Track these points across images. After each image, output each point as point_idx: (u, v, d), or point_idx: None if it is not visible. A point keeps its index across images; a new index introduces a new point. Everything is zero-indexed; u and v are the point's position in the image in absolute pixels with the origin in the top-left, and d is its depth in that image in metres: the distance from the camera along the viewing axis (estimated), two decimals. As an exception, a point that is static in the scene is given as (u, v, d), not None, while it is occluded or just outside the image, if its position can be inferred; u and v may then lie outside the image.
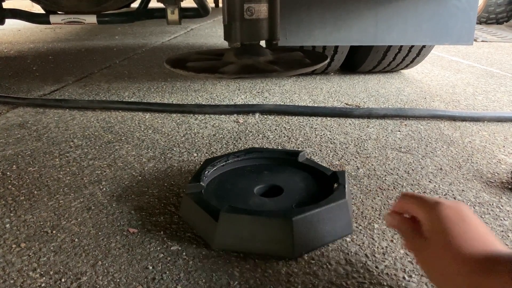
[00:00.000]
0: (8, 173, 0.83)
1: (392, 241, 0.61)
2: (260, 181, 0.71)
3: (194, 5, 1.41)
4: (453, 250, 0.41)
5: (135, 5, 3.21)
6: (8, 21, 1.56)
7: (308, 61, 0.65)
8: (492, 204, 0.71)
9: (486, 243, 0.41)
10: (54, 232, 0.63)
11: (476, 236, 0.42)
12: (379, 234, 0.63)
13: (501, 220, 0.67)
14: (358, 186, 0.78)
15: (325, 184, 0.70)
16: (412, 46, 1.53)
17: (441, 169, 0.85)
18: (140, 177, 0.81)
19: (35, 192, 0.76)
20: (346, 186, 0.65)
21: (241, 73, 0.58)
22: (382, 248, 0.59)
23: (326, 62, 0.65)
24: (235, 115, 1.20)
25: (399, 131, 1.07)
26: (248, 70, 0.59)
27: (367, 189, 0.77)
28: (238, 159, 0.78)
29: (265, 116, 1.18)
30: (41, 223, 0.66)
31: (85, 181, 0.80)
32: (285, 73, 0.57)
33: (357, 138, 1.02)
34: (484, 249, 0.40)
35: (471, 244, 0.41)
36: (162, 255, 0.58)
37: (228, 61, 0.64)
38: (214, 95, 1.42)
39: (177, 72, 0.59)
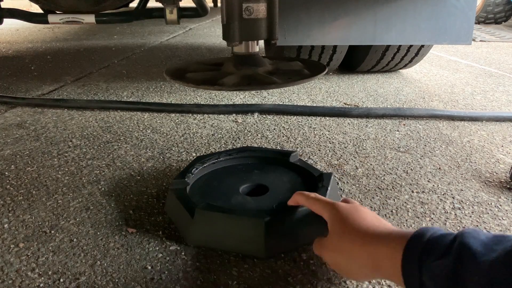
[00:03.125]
0: (6, 173, 0.83)
1: (390, 240, 0.61)
2: (247, 180, 0.71)
3: (192, 4, 1.41)
4: (352, 230, 0.47)
5: (133, 4, 3.21)
6: (6, 21, 1.56)
7: (307, 71, 0.65)
8: (491, 204, 0.72)
9: (380, 223, 0.47)
10: (52, 232, 0.63)
11: (372, 220, 0.48)
12: (378, 233, 0.63)
13: (500, 219, 0.67)
14: (357, 185, 0.78)
15: (311, 185, 0.69)
16: (411, 46, 1.53)
17: (439, 168, 0.85)
18: (139, 177, 0.81)
19: (34, 192, 0.75)
20: (328, 188, 0.65)
21: (240, 85, 0.58)
22: (381, 248, 0.59)
23: (325, 72, 0.66)
24: (234, 114, 1.20)
25: (397, 130, 1.07)
26: (247, 81, 0.59)
27: (366, 188, 0.77)
28: (229, 158, 0.78)
29: (264, 116, 1.18)
30: (40, 223, 0.65)
31: (84, 181, 0.80)
32: (284, 85, 0.58)
33: (356, 138, 1.02)
34: (379, 227, 0.46)
35: (366, 225, 0.47)
36: (161, 255, 0.58)
37: (227, 71, 0.64)
38: (213, 94, 1.42)
39: (178, 83, 0.60)
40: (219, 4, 6.02)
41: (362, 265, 0.45)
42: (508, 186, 0.78)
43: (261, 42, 0.68)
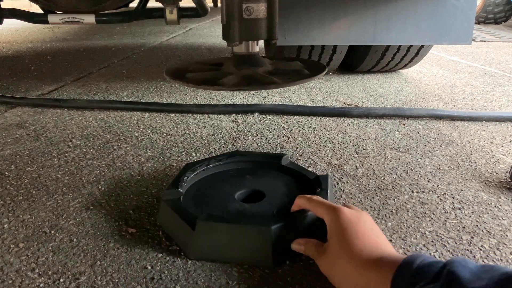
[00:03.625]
0: (6, 173, 0.83)
1: (391, 240, 0.61)
2: (241, 186, 0.69)
3: (192, 4, 1.41)
4: (347, 248, 0.47)
5: (133, 4, 3.21)
6: (6, 21, 1.56)
7: (306, 71, 0.65)
8: (491, 204, 0.72)
9: (376, 245, 0.48)
10: (52, 232, 0.63)
11: (369, 238, 0.48)
12: (377, 233, 0.63)
13: (500, 219, 0.67)
14: (357, 186, 0.78)
15: (308, 188, 0.68)
16: (411, 46, 1.53)
17: (439, 168, 0.85)
18: (139, 177, 0.81)
19: (34, 192, 0.75)
20: (328, 191, 0.64)
21: (240, 85, 0.58)
22: (381, 248, 0.59)
23: (325, 72, 0.66)
24: (234, 114, 1.20)
25: (397, 130, 1.07)
26: (247, 81, 0.59)
27: (366, 188, 0.77)
28: (219, 163, 0.75)
29: (264, 116, 1.18)
30: (40, 223, 0.65)
31: (84, 181, 0.80)
32: (284, 85, 0.58)
33: (356, 138, 1.02)
34: (373, 249, 0.47)
35: (362, 244, 0.47)
36: (161, 254, 0.58)
37: (227, 71, 0.64)
38: (213, 94, 1.42)
39: (178, 83, 0.60)
40: (219, 4, 6.01)
41: (351, 284, 0.46)
42: (508, 186, 0.78)
43: (261, 42, 0.68)
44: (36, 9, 2.14)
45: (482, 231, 0.64)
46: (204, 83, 0.60)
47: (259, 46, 0.72)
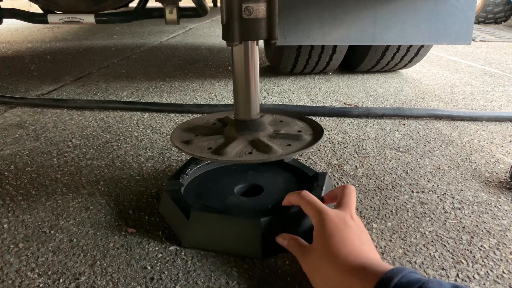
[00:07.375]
0: (6, 173, 0.83)
1: (390, 240, 0.61)
2: (242, 180, 0.72)
3: (192, 4, 1.41)
4: (332, 255, 0.47)
5: (133, 4, 3.21)
6: (6, 21, 1.56)
7: (306, 137, 0.67)
8: (491, 204, 0.72)
9: (361, 252, 0.47)
10: (52, 232, 0.63)
11: (354, 245, 0.48)
12: (377, 233, 0.63)
13: (500, 219, 0.67)
14: (357, 185, 0.78)
15: (306, 185, 0.70)
16: (411, 46, 1.53)
17: (439, 168, 0.85)
18: (139, 177, 0.81)
19: (33, 192, 0.75)
20: (324, 187, 0.65)
21: (242, 154, 0.62)
22: (381, 248, 0.60)
23: (323, 137, 0.68)
24: (234, 114, 1.19)
25: (397, 130, 1.07)
26: (250, 149, 0.64)
27: (366, 188, 0.77)
28: None
29: (264, 116, 1.18)
30: (39, 223, 0.65)
31: (83, 181, 0.80)
32: (284, 156, 0.62)
33: (356, 138, 1.02)
34: (357, 256, 0.46)
35: (347, 252, 0.47)
36: (160, 255, 0.58)
37: (230, 135, 0.68)
38: (213, 94, 1.42)
39: (185, 152, 0.64)
40: (219, 4, 6.01)
41: None
42: (508, 186, 0.78)
43: (261, 42, 0.69)
44: (35, 9, 2.14)
45: (482, 231, 0.64)
46: (209, 152, 0.64)
47: (258, 46, 0.72)
